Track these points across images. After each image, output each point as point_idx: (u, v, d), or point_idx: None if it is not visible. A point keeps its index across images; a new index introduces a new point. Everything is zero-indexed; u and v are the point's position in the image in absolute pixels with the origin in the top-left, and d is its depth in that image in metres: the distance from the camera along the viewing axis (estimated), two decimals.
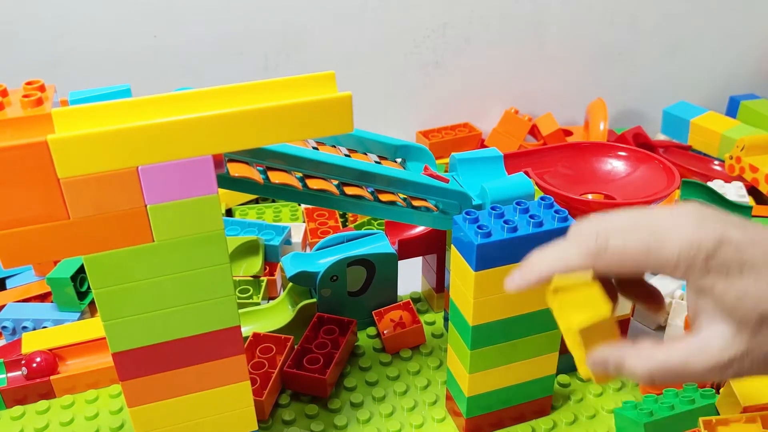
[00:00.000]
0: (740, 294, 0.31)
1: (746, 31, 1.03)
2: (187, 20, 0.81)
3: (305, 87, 0.36)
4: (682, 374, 0.32)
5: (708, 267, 0.31)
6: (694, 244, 0.31)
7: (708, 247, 0.31)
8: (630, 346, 0.34)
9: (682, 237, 0.31)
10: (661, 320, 0.63)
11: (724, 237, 0.31)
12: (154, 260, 0.37)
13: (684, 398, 0.49)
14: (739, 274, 0.31)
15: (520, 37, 0.94)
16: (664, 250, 0.31)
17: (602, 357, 0.34)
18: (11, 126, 0.33)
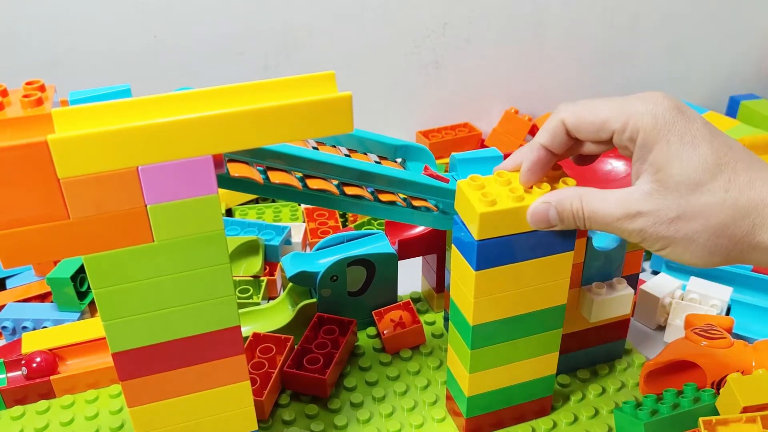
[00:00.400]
0: (671, 156, 0.35)
1: (746, 31, 1.03)
2: (187, 20, 0.81)
3: (305, 87, 0.36)
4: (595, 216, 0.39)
5: (657, 127, 0.36)
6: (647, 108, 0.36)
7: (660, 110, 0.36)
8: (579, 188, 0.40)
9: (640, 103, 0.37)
10: (661, 320, 0.63)
11: (679, 106, 0.36)
12: (154, 260, 0.37)
13: (685, 398, 0.49)
14: (680, 142, 0.35)
15: (520, 37, 0.94)
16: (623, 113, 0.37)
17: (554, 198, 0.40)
18: (11, 126, 0.33)
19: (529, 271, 0.44)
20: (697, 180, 0.35)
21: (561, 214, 0.40)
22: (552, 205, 0.40)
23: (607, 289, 0.52)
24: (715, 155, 0.35)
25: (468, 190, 0.42)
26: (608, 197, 0.38)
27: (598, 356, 0.57)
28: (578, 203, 0.39)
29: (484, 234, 0.41)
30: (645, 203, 0.36)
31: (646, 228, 0.36)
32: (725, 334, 0.53)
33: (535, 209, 0.40)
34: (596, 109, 0.38)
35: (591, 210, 0.38)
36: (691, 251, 0.36)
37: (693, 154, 0.35)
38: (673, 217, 0.36)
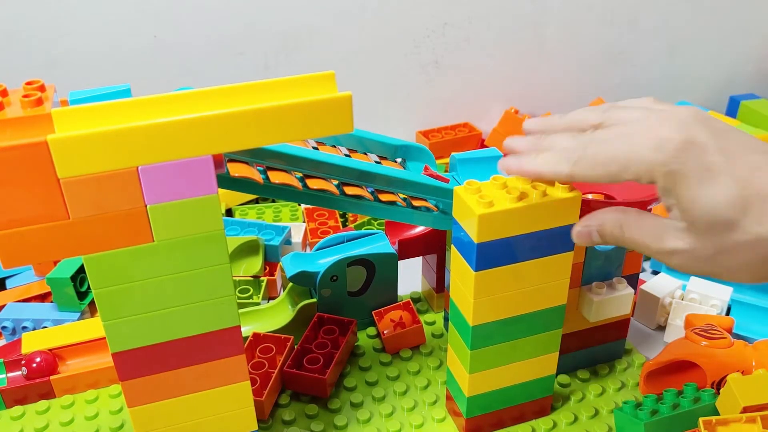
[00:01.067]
0: (693, 198, 0.34)
1: (746, 31, 1.03)
2: (187, 20, 0.81)
3: (305, 87, 0.36)
4: (634, 245, 0.38)
5: (671, 172, 0.34)
6: (653, 156, 0.34)
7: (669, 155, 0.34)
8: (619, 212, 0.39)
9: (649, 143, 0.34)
10: (661, 320, 0.63)
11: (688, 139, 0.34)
12: (154, 260, 0.37)
13: (685, 398, 0.49)
14: (698, 180, 0.33)
15: (520, 37, 0.94)
16: (632, 159, 0.35)
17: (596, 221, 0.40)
18: (11, 126, 0.33)
19: (529, 271, 0.44)
20: (727, 219, 0.33)
21: (603, 237, 0.39)
22: (594, 230, 0.40)
23: (607, 289, 0.52)
24: (739, 186, 0.33)
25: (465, 195, 0.42)
26: (646, 228, 0.37)
27: (598, 356, 0.57)
28: (618, 231, 0.38)
29: (483, 237, 0.41)
30: (680, 241, 0.35)
31: (685, 264, 0.36)
32: (725, 334, 0.53)
33: (578, 234, 0.40)
34: (606, 163, 0.36)
35: (631, 239, 0.38)
36: (737, 278, 0.35)
37: (715, 193, 0.33)
38: (711, 255, 0.35)
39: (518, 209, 0.41)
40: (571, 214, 0.43)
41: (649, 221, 0.37)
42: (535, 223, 0.42)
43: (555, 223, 0.43)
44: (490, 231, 0.41)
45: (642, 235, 0.37)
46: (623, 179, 0.36)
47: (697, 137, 0.34)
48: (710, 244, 0.34)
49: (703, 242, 0.34)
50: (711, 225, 0.34)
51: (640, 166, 0.34)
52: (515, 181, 0.43)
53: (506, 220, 0.41)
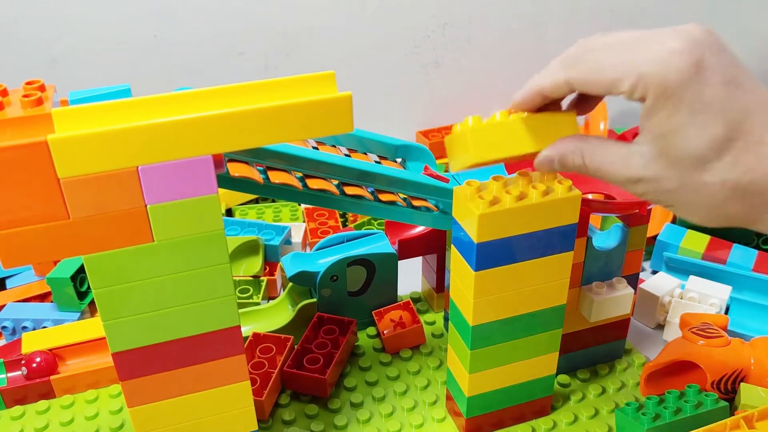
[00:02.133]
0: (677, 126, 0.32)
1: (746, 31, 1.03)
2: (187, 20, 0.81)
3: (305, 87, 0.36)
4: (599, 173, 0.36)
5: (666, 93, 0.32)
6: (657, 68, 0.32)
7: (672, 74, 0.31)
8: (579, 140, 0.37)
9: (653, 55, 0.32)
10: (660, 319, 0.63)
11: (698, 63, 0.31)
12: (154, 260, 0.37)
13: (687, 403, 0.48)
14: (689, 110, 0.32)
15: (520, 37, 0.94)
16: (632, 66, 0.32)
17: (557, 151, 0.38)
18: (11, 126, 0.33)
19: (529, 271, 0.44)
20: (700, 156, 0.32)
21: (564, 167, 0.38)
22: (555, 160, 0.38)
23: (607, 289, 0.52)
24: (726, 128, 0.31)
25: (465, 194, 0.42)
26: (610, 155, 0.36)
27: (598, 356, 0.57)
28: (580, 159, 0.37)
29: (483, 237, 0.41)
30: (645, 169, 0.34)
31: (648, 192, 0.35)
32: (722, 333, 0.53)
33: (539, 163, 0.39)
34: (603, 70, 0.34)
35: (594, 167, 0.36)
36: (691, 217, 0.35)
37: (700, 128, 0.31)
38: (673, 188, 0.34)
39: (518, 209, 0.41)
40: (570, 214, 0.43)
41: (613, 148, 0.36)
42: (534, 222, 0.42)
43: (555, 223, 0.43)
44: (490, 231, 0.41)
45: (605, 162, 0.36)
46: (618, 91, 0.33)
47: (707, 61, 0.31)
48: (676, 177, 0.33)
49: (670, 173, 0.33)
50: (683, 158, 0.32)
51: (639, 77, 0.32)
52: (515, 180, 0.43)
53: (506, 219, 0.41)
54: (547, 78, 0.37)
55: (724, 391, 0.51)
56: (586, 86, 0.35)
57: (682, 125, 0.32)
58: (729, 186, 0.32)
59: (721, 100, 0.31)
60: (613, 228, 0.53)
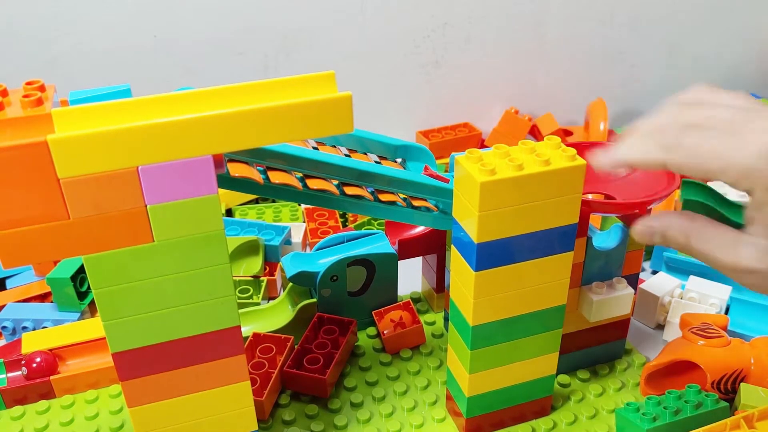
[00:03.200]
0: None
1: (746, 31, 1.03)
2: (187, 20, 0.81)
3: (305, 87, 0.36)
4: (704, 258, 0.35)
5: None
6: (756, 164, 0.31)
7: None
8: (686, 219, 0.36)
9: (758, 148, 0.31)
10: (660, 319, 0.63)
11: None
12: (154, 260, 0.37)
13: (687, 403, 0.48)
14: None
15: (520, 37, 0.94)
16: (736, 159, 0.31)
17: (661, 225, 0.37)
18: (11, 126, 0.33)
19: (529, 271, 0.44)
20: None
21: (666, 242, 0.37)
22: (657, 233, 0.37)
23: (607, 289, 0.52)
24: None
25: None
26: (719, 241, 0.34)
27: (598, 356, 0.57)
28: (685, 239, 0.36)
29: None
30: (759, 262, 0.33)
31: (758, 285, 0.34)
32: (722, 333, 0.53)
33: (640, 233, 0.38)
34: (704, 158, 0.33)
35: (699, 251, 0.35)
36: None
37: None
38: None
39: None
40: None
41: (722, 234, 0.34)
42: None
43: (555, 223, 0.43)
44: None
45: (713, 248, 0.34)
46: (718, 179, 0.32)
47: None
48: None
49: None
50: None
51: (742, 171, 0.31)
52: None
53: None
54: (642, 155, 0.36)
55: (724, 391, 0.51)
56: (684, 172, 0.34)
57: None
58: None
59: None
60: (613, 228, 0.53)
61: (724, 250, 0.34)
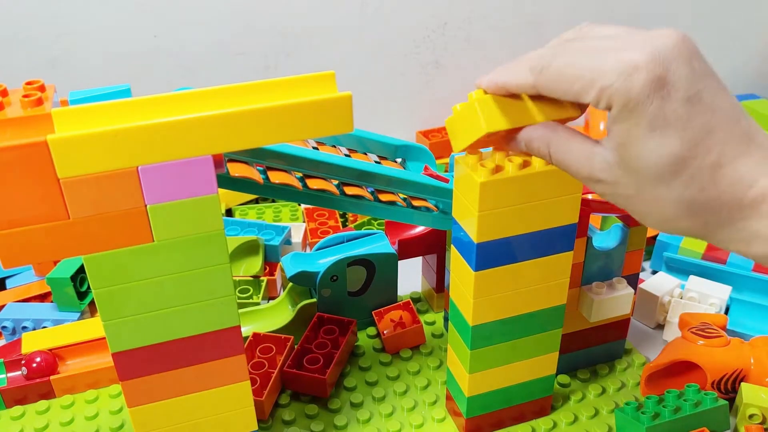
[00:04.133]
0: (636, 140, 0.32)
1: (746, 31, 1.03)
2: (187, 20, 0.81)
3: (305, 87, 0.36)
4: (561, 166, 0.36)
5: (629, 105, 0.32)
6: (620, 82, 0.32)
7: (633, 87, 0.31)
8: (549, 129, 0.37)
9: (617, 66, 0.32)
10: (660, 319, 0.63)
11: (660, 77, 0.31)
12: (154, 260, 0.37)
13: (687, 402, 0.48)
14: (650, 125, 0.32)
15: (520, 37, 0.94)
16: (596, 78, 0.32)
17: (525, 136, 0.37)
18: (11, 126, 0.34)
19: (529, 271, 0.44)
20: (657, 173, 0.32)
21: (530, 151, 0.38)
22: (522, 143, 0.38)
23: (607, 289, 0.52)
24: (684, 147, 0.32)
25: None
26: (575, 151, 0.36)
27: (598, 356, 0.57)
28: (546, 149, 0.37)
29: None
30: (605, 173, 0.34)
31: (606, 194, 0.35)
32: (721, 333, 0.53)
33: (510, 146, 0.39)
34: (569, 81, 0.34)
35: (558, 159, 0.36)
36: (648, 223, 0.35)
37: (659, 145, 0.32)
38: (630, 195, 0.34)
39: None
40: (572, 211, 0.43)
41: (579, 145, 0.36)
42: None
43: (555, 223, 0.43)
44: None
45: (570, 159, 0.36)
46: (585, 101, 0.34)
47: (670, 76, 0.31)
48: (633, 186, 0.34)
49: (627, 181, 0.34)
50: (640, 170, 0.33)
51: (602, 90, 0.32)
52: None
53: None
54: (513, 77, 0.37)
55: (725, 390, 0.52)
56: (552, 94, 0.35)
57: (641, 139, 0.32)
58: (684, 203, 0.33)
59: (681, 118, 0.31)
60: (613, 228, 0.53)
61: (581, 161, 0.35)
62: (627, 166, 0.33)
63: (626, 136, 0.33)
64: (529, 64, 0.36)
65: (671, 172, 0.32)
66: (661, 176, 0.32)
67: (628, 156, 0.33)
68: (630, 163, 0.33)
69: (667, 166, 0.32)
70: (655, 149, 0.32)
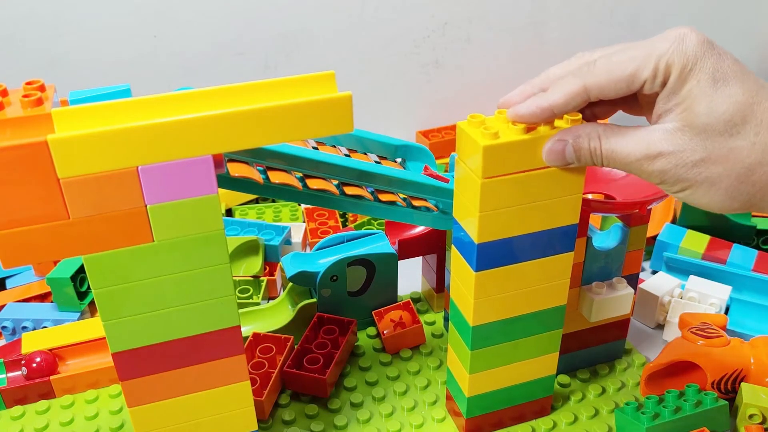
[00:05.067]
0: (702, 95, 0.33)
1: (746, 32, 1.03)
2: (187, 20, 0.81)
3: (305, 87, 0.36)
4: (613, 155, 0.36)
5: (688, 64, 0.33)
6: (675, 46, 0.34)
7: (691, 47, 0.33)
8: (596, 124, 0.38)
9: (674, 35, 0.34)
10: (660, 319, 0.63)
11: (707, 40, 0.34)
12: (154, 260, 0.37)
13: (687, 402, 0.48)
14: (712, 79, 0.33)
15: (520, 37, 0.94)
16: (652, 50, 0.34)
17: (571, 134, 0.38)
18: (11, 126, 0.33)
19: (529, 271, 0.44)
20: (727, 121, 0.33)
21: (578, 152, 0.37)
22: (569, 143, 0.37)
23: (607, 289, 0.52)
24: (747, 94, 0.33)
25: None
26: (628, 135, 0.36)
27: (598, 356, 0.57)
28: (596, 142, 0.37)
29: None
30: (668, 143, 0.34)
31: (667, 169, 0.34)
32: (721, 333, 0.53)
33: (551, 147, 0.38)
34: (621, 64, 0.35)
35: (609, 149, 0.36)
36: (711, 195, 0.34)
37: (724, 94, 0.33)
38: (698, 160, 0.34)
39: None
40: (573, 212, 0.43)
41: (631, 129, 0.36)
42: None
43: (556, 223, 0.43)
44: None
45: (623, 141, 0.36)
46: (639, 81, 0.34)
47: (717, 45, 0.34)
48: (701, 146, 0.34)
49: (695, 143, 0.34)
50: (710, 124, 0.33)
51: (660, 59, 0.34)
52: None
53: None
54: (562, 92, 0.37)
55: (725, 391, 0.52)
56: (605, 89, 0.36)
57: (706, 93, 0.33)
58: (759, 146, 0.33)
59: (737, 71, 0.33)
60: (613, 228, 0.53)
61: (631, 141, 0.36)
62: (693, 127, 0.34)
63: (690, 96, 0.34)
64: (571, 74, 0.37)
65: (741, 119, 0.33)
66: (732, 126, 0.33)
67: (694, 115, 0.34)
68: (697, 122, 0.34)
69: (736, 113, 0.33)
70: (722, 99, 0.33)
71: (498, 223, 0.41)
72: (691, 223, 0.72)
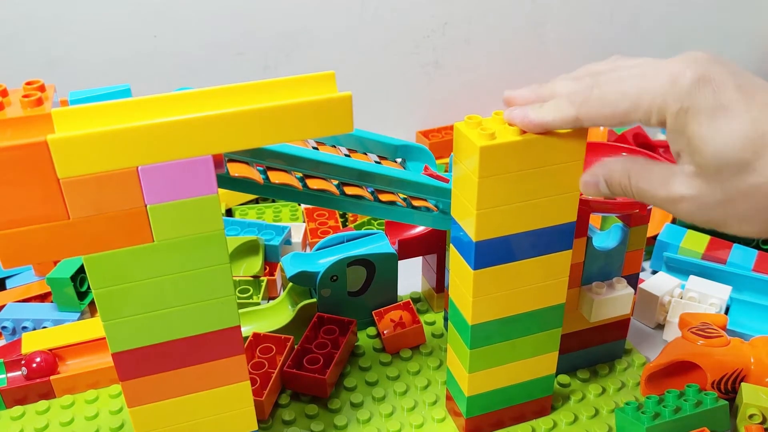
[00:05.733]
0: (705, 137, 0.32)
1: (746, 31, 1.03)
2: (187, 20, 0.81)
3: (305, 87, 0.36)
4: (640, 194, 0.36)
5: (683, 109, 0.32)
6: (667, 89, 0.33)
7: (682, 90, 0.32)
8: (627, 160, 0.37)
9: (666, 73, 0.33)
10: (660, 319, 0.63)
11: (704, 76, 0.32)
12: (154, 260, 0.37)
13: (687, 401, 0.48)
14: (711, 117, 0.32)
15: (520, 37, 0.94)
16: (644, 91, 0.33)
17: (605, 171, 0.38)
18: (11, 126, 0.34)
19: (528, 269, 0.44)
20: (738, 161, 0.31)
21: (611, 188, 0.38)
22: (601, 179, 0.38)
23: (607, 289, 0.52)
24: (754, 125, 0.31)
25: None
26: (654, 174, 0.35)
27: (598, 356, 0.57)
28: (626, 180, 0.36)
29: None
30: (687, 186, 0.33)
31: (692, 211, 0.34)
32: (721, 333, 0.53)
33: (586, 180, 0.39)
34: (614, 102, 0.34)
35: (638, 187, 0.36)
36: (746, 229, 0.33)
37: (728, 131, 0.31)
38: (719, 201, 0.33)
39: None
40: (570, 210, 0.43)
41: (657, 168, 0.36)
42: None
43: (553, 221, 0.43)
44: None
45: (650, 182, 0.35)
46: (632, 120, 0.33)
47: (712, 74, 0.32)
48: (719, 189, 0.32)
49: (712, 187, 0.32)
50: (721, 167, 0.32)
51: (652, 102, 0.32)
52: None
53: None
54: (554, 115, 0.37)
55: (725, 391, 0.52)
56: (597, 121, 0.35)
57: (708, 136, 0.32)
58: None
59: (739, 101, 0.31)
60: (613, 228, 0.53)
61: (656, 182, 0.35)
62: (706, 170, 0.32)
63: (695, 138, 0.32)
64: (567, 100, 0.36)
65: (753, 155, 0.31)
66: (745, 164, 0.31)
67: (704, 160, 0.32)
68: (709, 167, 0.32)
69: (745, 150, 0.31)
70: (727, 139, 0.31)
71: (495, 221, 0.41)
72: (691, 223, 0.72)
